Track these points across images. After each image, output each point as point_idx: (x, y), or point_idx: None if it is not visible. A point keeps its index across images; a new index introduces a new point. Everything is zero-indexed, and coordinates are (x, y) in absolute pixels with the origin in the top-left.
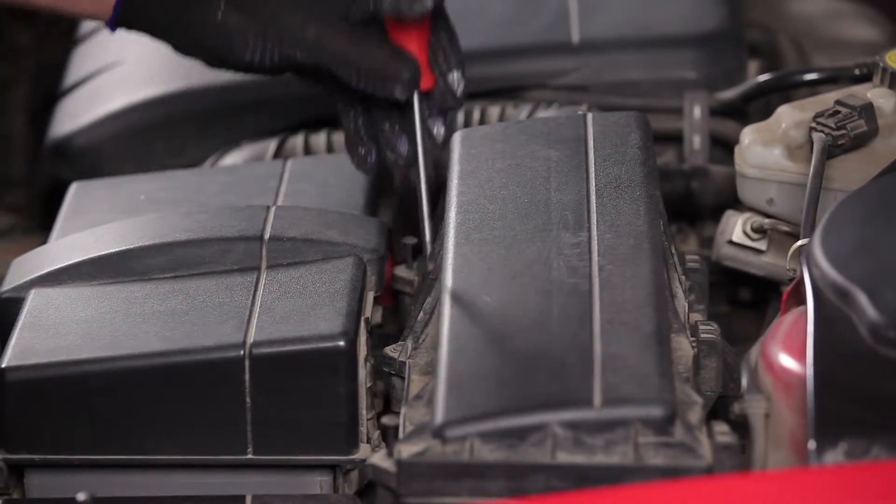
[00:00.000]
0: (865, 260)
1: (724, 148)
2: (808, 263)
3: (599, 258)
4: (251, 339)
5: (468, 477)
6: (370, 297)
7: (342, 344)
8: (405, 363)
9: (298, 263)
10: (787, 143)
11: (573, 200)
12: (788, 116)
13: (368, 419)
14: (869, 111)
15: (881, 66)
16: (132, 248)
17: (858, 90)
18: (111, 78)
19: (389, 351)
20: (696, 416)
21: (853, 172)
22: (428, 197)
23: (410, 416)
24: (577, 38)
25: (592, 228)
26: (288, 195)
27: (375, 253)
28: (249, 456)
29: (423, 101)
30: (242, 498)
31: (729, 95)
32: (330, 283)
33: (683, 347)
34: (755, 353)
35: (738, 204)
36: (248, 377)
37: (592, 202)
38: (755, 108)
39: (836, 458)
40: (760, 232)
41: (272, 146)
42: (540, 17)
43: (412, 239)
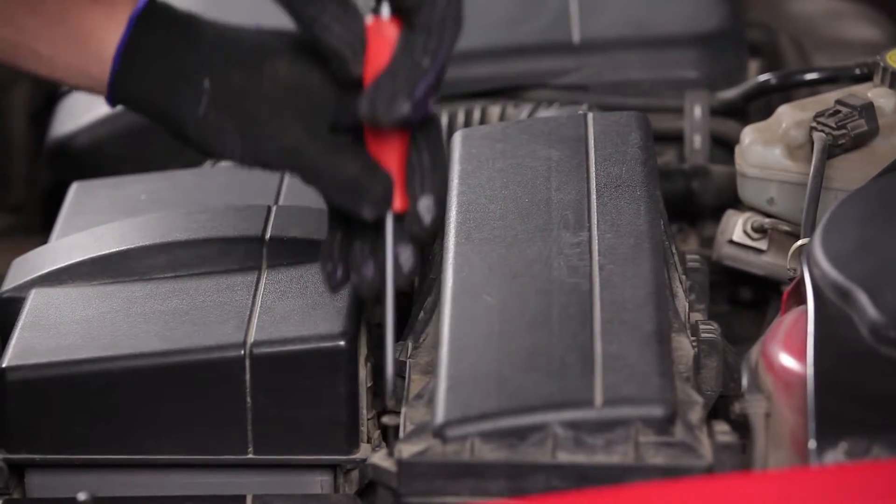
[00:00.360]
0: (866, 259)
1: (724, 147)
2: (808, 263)
3: (600, 258)
4: (251, 338)
5: (469, 477)
6: None
7: (343, 344)
8: (405, 363)
9: (299, 263)
10: (787, 142)
11: (574, 200)
12: (789, 116)
13: (369, 419)
14: (869, 111)
15: (882, 65)
16: (133, 247)
17: (859, 90)
18: None
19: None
20: (696, 415)
21: (854, 172)
22: (393, 331)
23: (411, 415)
24: (577, 37)
25: (593, 228)
26: (288, 195)
27: None
28: (250, 456)
29: (396, 223)
30: (243, 498)
31: (729, 95)
32: None
33: (684, 347)
34: (755, 352)
35: (738, 203)
36: (248, 377)
37: (593, 202)
38: (756, 107)
39: (836, 457)
40: (761, 231)
41: None
42: (540, 16)
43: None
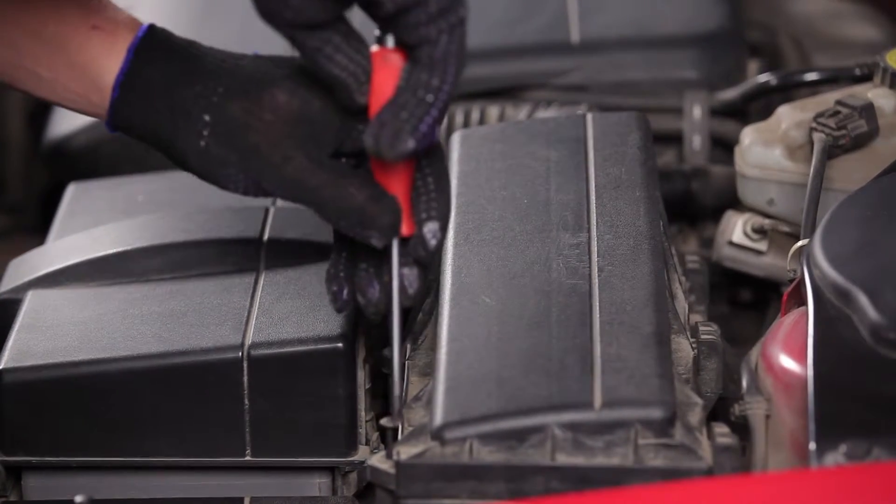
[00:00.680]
0: (866, 260)
1: (724, 148)
2: (808, 264)
3: (599, 259)
4: (249, 340)
5: (467, 478)
6: None
7: (341, 346)
8: (404, 364)
9: (297, 265)
10: (787, 143)
11: (573, 201)
12: (789, 116)
13: (367, 421)
14: (869, 111)
15: (882, 66)
16: (130, 249)
17: (859, 90)
18: None
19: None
20: (696, 417)
21: (854, 173)
22: (399, 352)
23: (409, 417)
24: (576, 37)
25: (592, 229)
26: None
27: None
28: (248, 458)
29: (401, 245)
30: (241, 500)
31: (729, 95)
32: None
33: (683, 348)
34: (755, 354)
35: (738, 204)
36: (246, 379)
37: (592, 203)
38: (755, 108)
39: (836, 459)
40: (761, 232)
41: None
42: (540, 16)
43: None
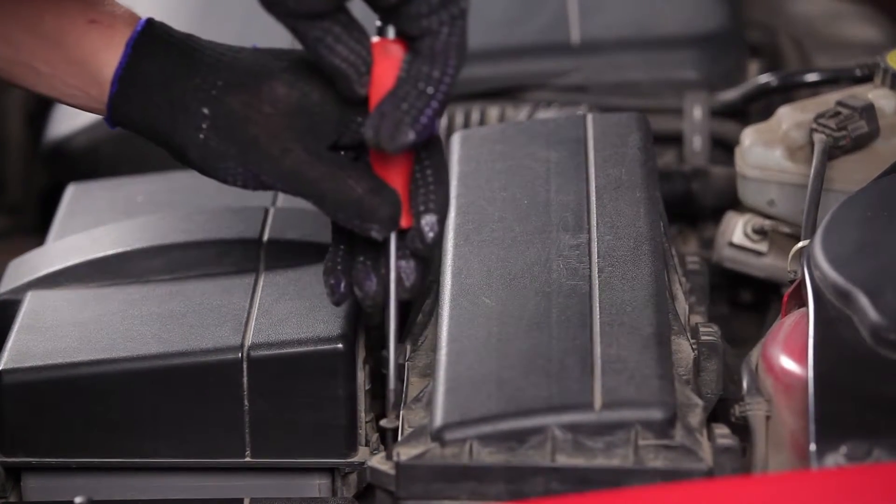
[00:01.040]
0: (866, 261)
1: (724, 149)
2: (808, 265)
3: (599, 260)
4: (249, 341)
5: (467, 480)
6: None
7: (341, 346)
8: (404, 365)
9: (297, 265)
10: (787, 144)
11: (573, 202)
12: (789, 117)
13: (367, 422)
14: (870, 112)
15: (882, 66)
16: (130, 250)
17: (859, 91)
18: None
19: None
20: (696, 418)
21: (854, 173)
22: (396, 347)
23: (409, 418)
24: (576, 38)
25: (592, 230)
26: (286, 197)
27: None
28: (248, 459)
29: (398, 238)
30: (241, 501)
31: (729, 96)
32: None
33: (684, 349)
34: (756, 355)
35: (738, 205)
36: (246, 380)
37: (592, 203)
38: (756, 108)
39: (836, 460)
40: (761, 233)
41: None
42: (540, 17)
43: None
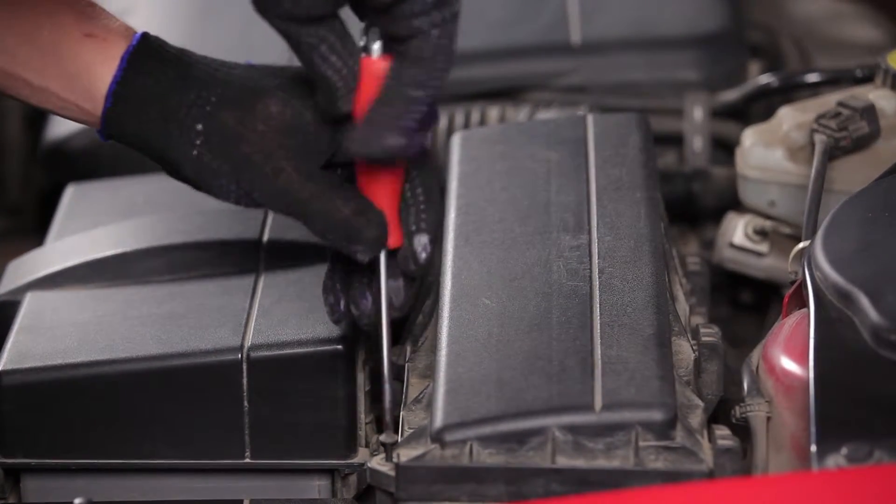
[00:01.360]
0: (867, 262)
1: (725, 149)
2: (809, 266)
3: (600, 261)
4: (249, 342)
5: (467, 481)
6: None
7: (340, 347)
8: (404, 366)
9: (297, 267)
10: (788, 144)
11: (573, 202)
12: (790, 118)
13: (367, 423)
14: (871, 112)
15: (883, 67)
16: (129, 251)
17: (860, 91)
18: None
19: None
20: (697, 419)
21: (855, 174)
22: (389, 363)
23: (409, 419)
24: (577, 38)
25: (593, 231)
26: None
27: None
28: (247, 460)
29: (390, 260)
30: (240, 502)
31: (730, 97)
32: None
33: (684, 350)
34: (756, 356)
35: (739, 206)
36: (245, 381)
37: (593, 204)
38: (756, 109)
39: (837, 461)
40: (762, 234)
41: None
42: (540, 17)
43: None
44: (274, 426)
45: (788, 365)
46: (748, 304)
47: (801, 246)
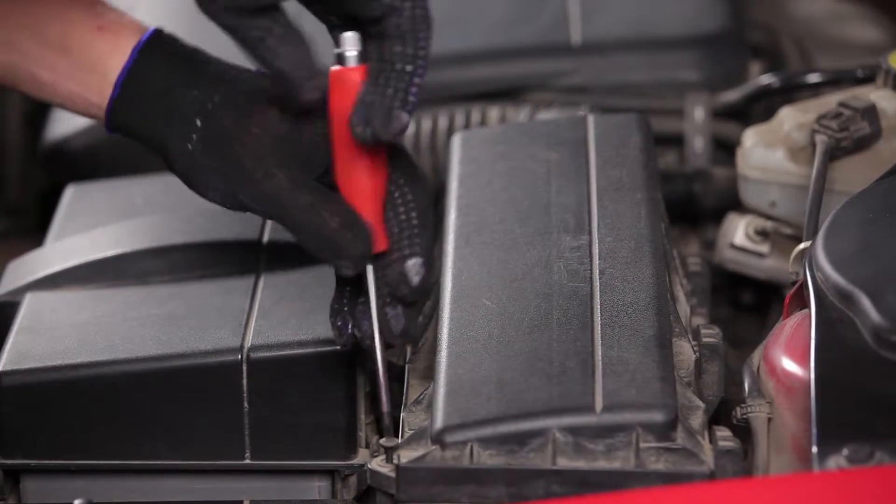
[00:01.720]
0: (868, 263)
1: (725, 150)
2: (810, 266)
3: (600, 261)
4: (249, 343)
5: (468, 482)
6: None
7: (340, 348)
8: (404, 367)
9: (297, 267)
10: (789, 145)
11: (574, 203)
12: (791, 118)
13: (367, 424)
14: (872, 113)
15: (884, 67)
16: (129, 251)
17: (861, 92)
18: None
19: (388, 355)
20: (697, 420)
21: (856, 174)
22: (386, 381)
23: (410, 420)
24: (577, 39)
25: (593, 231)
26: None
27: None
28: (247, 461)
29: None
30: (240, 503)
31: (731, 97)
32: (328, 287)
33: (685, 351)
34: (757, 356)
35: (740, 206)
36: (245, 381)
37: (593, 205)
38: (757, 109)
39: (838, 462)
40: (763, 235)
41: None
42: (540, 17)
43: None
44: (274, 427)
45: (789, 366)
46: (749, 304)
47: (802, 246)
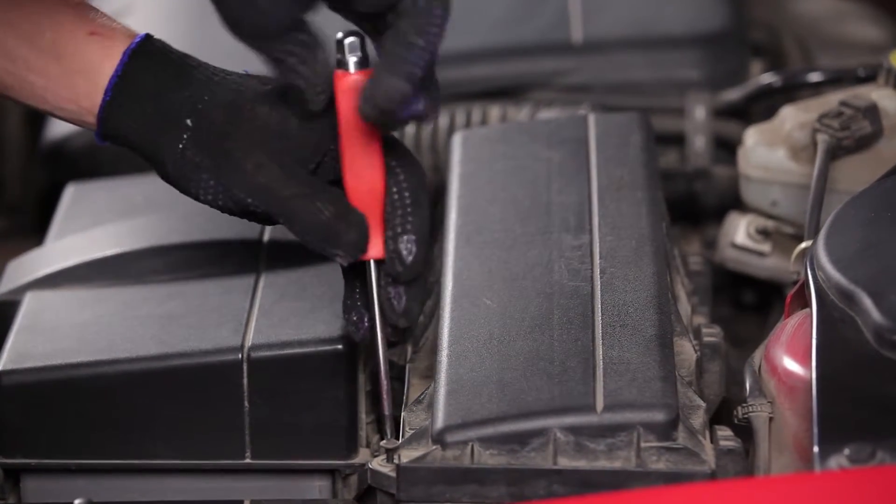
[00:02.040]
0: (870, 262)
1: (727, 149)
2: (811, 266)
3: (601, 261)
4: (249, 342)
5: (469, 482)
6: None
7: (341, 348)
8: (405, 367)
9: (297, 266)
10: (790, 144)
11: (575, 202)
12: (792, 117)
13: (368, 423)
14: (873, 112)
15: (885, 66)
16: (129, 250)
17: (863, 91)
18: None
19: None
20: (699, 420)
21: (857, 174)
22: (386, 370)
23: (410, 420)
24: (578, 37)
25: (594, 231)
26: None
27: None
28: (248, 460)
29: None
30: (241, 502)
31: (732, 96)
32: (329, 286)
33: (686, 351)
34: (759, 356)
35: (741, 206)
36: (246, 381)
37: (594, 204)
38: (758, 108)
39: (840, 462)
40: (764, 234)
41: None
42: (541, 16)
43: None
44: (274, 426)
45: (791, 365)
46: (750, 304)
47: (803, 246)
